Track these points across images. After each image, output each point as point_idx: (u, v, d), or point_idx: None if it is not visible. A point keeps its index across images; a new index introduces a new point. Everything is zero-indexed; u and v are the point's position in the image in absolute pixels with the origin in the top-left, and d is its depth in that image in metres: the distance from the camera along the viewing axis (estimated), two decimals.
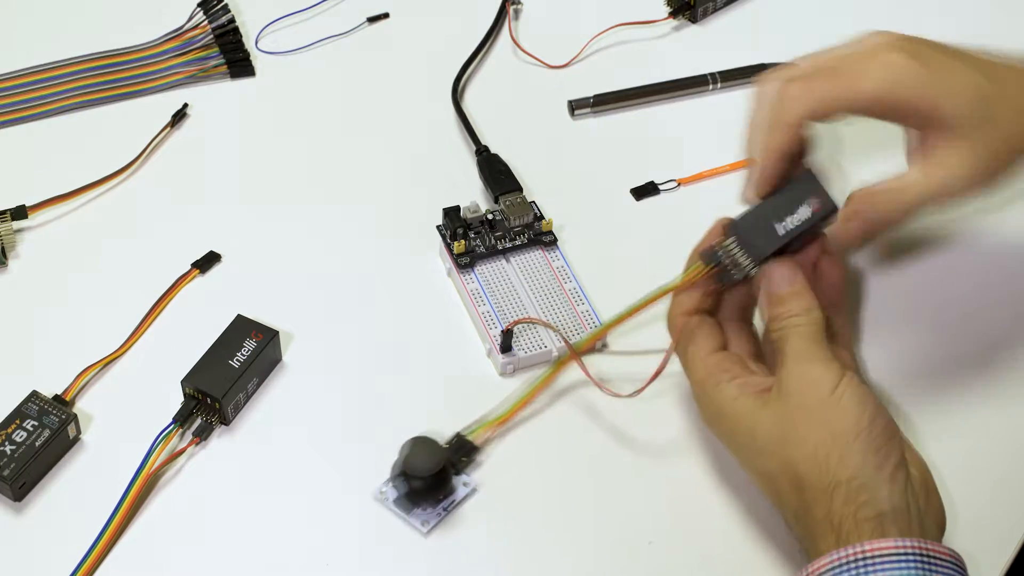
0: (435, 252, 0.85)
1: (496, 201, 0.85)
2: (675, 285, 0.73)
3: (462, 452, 0.74)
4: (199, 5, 0.97)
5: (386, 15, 1.01)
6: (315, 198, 0.89)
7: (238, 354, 0.76)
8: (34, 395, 0.75)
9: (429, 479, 0.71)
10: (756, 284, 0.72)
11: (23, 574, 0.70)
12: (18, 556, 0.71)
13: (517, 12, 1.02)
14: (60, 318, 0.81)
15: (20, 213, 0.85)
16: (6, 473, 0.71)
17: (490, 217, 0.84)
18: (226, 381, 0.75)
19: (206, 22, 0.96)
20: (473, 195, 0.87)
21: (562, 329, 0.79)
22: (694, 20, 1.01)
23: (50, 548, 0.71)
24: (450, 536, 0.72)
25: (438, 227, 0.84)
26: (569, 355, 0.76)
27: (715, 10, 1.02)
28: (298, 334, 0.81)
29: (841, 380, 0.67)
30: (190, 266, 0.84)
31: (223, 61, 0.96)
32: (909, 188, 0.73)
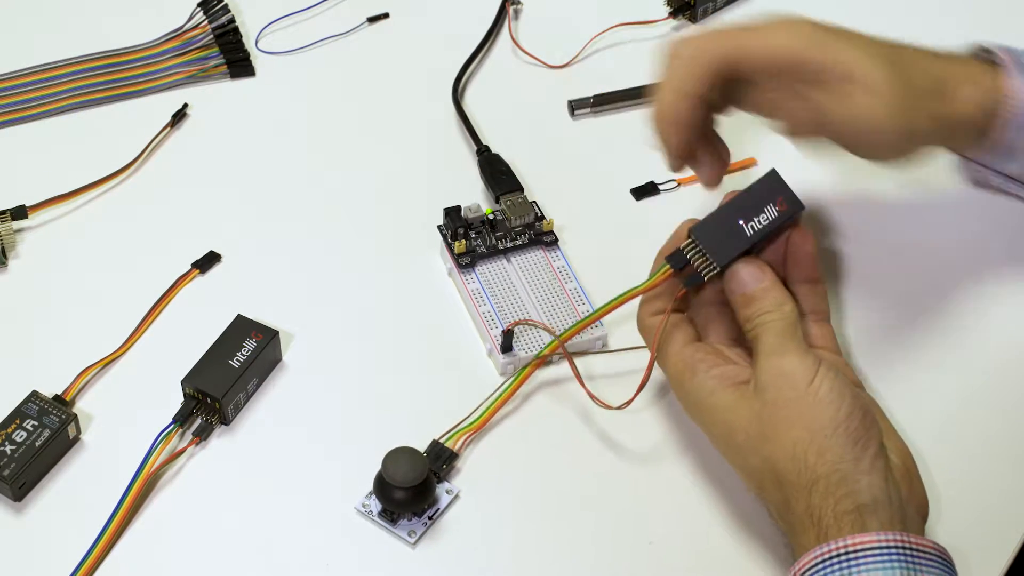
0: (436, 252, 0.85)
1: (497, 201, 0.85)
2: (641, 288, 0.73)
3: (441, 459, 0.74)
4: (199, 5, 0.97)
5: (386, 15, 1.01)
6: (315, 198, 0.89)
7: (238, 354, 0.76)
8: (34, 395, 0.75)
9: (413, 489, 0.71)
10: (728, 286, 0.72)
11: (23, 574, 0.70)
12: (18, 556, 0.71)
13: (517, 12, 1.02)
14: (60, 318, 0.81)
15: (20, 213, 0.85)
16: (6, 473, 0.71)
17: (491, 217, 0.84)
18: (226, 381, 0.75)
19: (206, 22, 0.96)
20: (474, 195, 0.87)
21: (562, 329, 0.79)
22: (694, 20, 1.01)
23: (50, 548, 0.71)
24: (438, 544, 0.72)
25: (439, 227, 0.84)
26: (531, 365, 0.77)
27: (715, 10, 1.02)
28: (298, 334, 0.81)
29: (817, 373, 0.67)
30: (190, 266, 0.84)
31: (223, 61, 0.96)
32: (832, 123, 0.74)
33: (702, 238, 0.72)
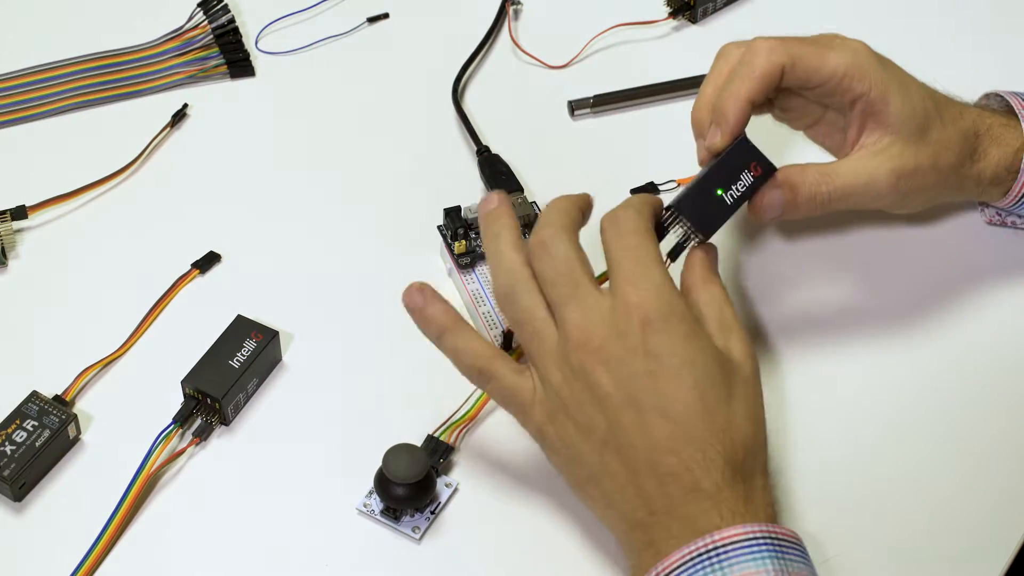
0: (436, 252, 0.85)
1: None
2: None
3: (439, 454, 0.74)
4: (199, 5, 0.97)
5: (386, 15, 1.01)
6: (315, 198, 0.89)
7: (238, 354, 0.76)
8: (34, 395, 0.75)
9: (415, 485, 0.71)
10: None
11: (23, 574, 0.70)
12: (18, 556, 0.71)
13: (517, 12, 1.02)
14: (60, 318, 0.81)
15: (20, 213, 0.85)
16: (6, 473, 0.71)
17: None
18: (226, 381, 0.75)
19: (206, 22, 0.96)
20: (474, 195, 0.87)
21: None
22: (694, 20, 1.01)
23: (50, 548, 0.71)
24: (442, 538, 0.72)
25: (439, 227, 0.84)
26: (517, 352, 0.77)
27: (715, 10, 1.02)
28: (298, 334, 0.81)
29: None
30: (190, 266, 0.84)
31: (223, 61, 0.96)
32: (838, 173, 0.76)
33: (684, 210, 0.72)
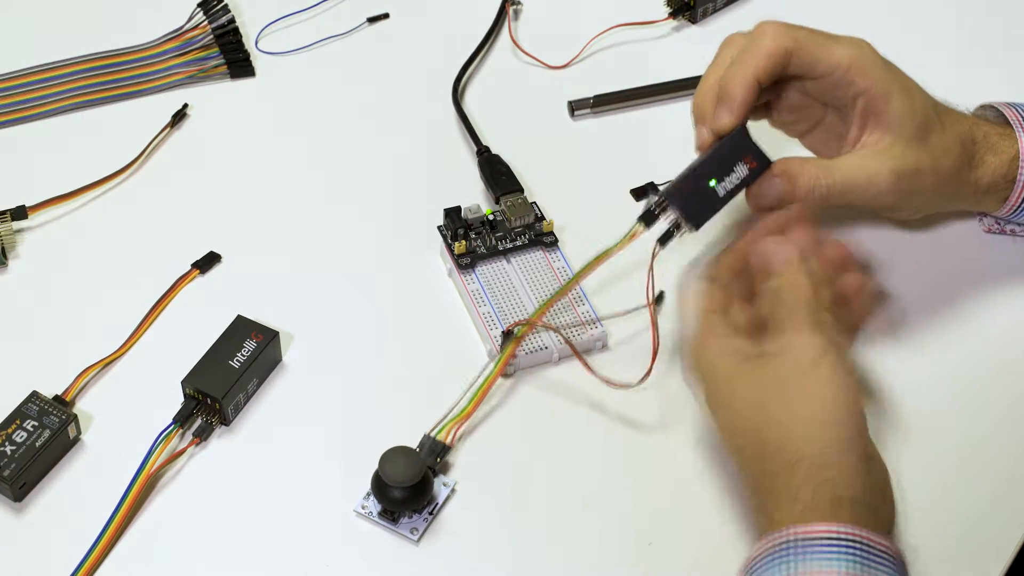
0: (436, 252, 0.85)
1: (497, 202, 0.85)
2: (613, 249, 0.74)
3: (435, 453, 0.74)
4: (199, 5, 0.97)
5: (386, 15, 1.01)
6: (315, 198, 0.89)
7: (238, 355, 0.76)
8: (34, 395, 0.75)
9: (412, 487, 0.71)
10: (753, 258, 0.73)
11: (23, 574, 0.70)
12: (18, 556, 0.71)
13: (517, 12, 1.02)
14: (60, 318, 0.81)
15: (20, 213, 0.85)
16: (6, 473, 0.71)
17: (491, 218, 0.84)
18: (226, 381, 0.75)
19: (206, 22, 0.96)
20: (474, 196, 0.87)
21: (563, 330, 0.79)
22: (694, 20, 1.01)
23: (50, 548, 0.71)
24: (440, 538, 0.72)
25: (439, 227, 0.84)
26: (508, 350, 0.77)
27: (715, 10, 1.02)
28: (298, 334, 0.81)
29: (824, 354, 0.67)
30: (190, 266, 0.84)
31: (223, 61, 0.96)
32: (839, 169, 0.76)
33: (675, 199, 0.73)
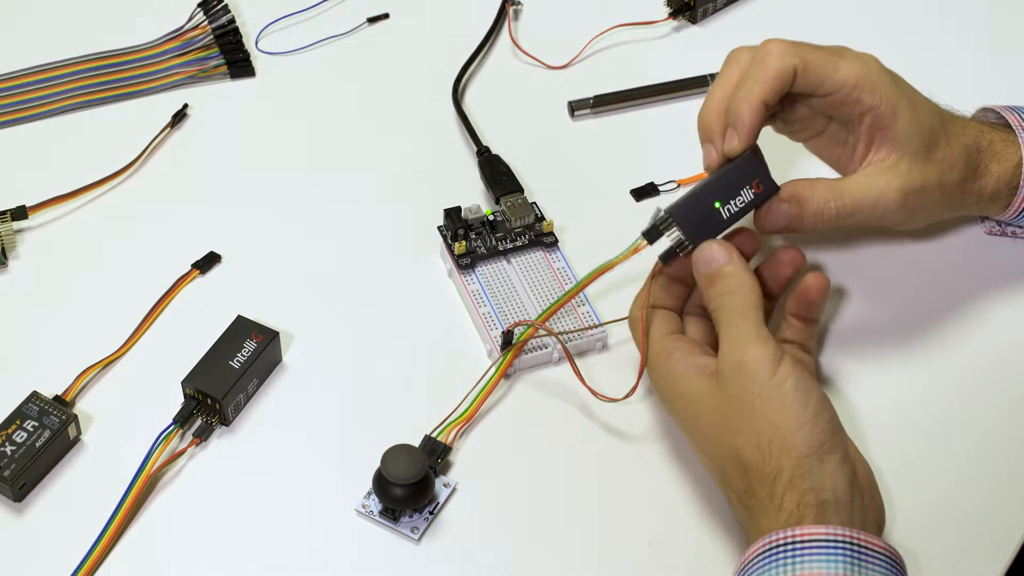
0: (436, 253, 0.85)
1: (497, 202, 0.85)
2: (615, 260, 0.74)
3: (436, 453, 0.74)
4: (199, 5, 0.97)
5: (386, 15, 1.01)
6: (315, 198, 0.89)
7: (238, 355, 0.76)
8: (34, 395, 0.75)
9: (414, 486, 0.71)
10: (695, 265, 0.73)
11: (23, 574, 0.70)
12: (18, 556, 0.71)
13: (517, 12, 1.02)
14: (60, 318, 0.81)
15: (20, 213, 0.85)
16: (6, 474, 0.71)
17: (491, 218, 0.84)
18: (226, 382, 0.75)
19: (206, 22, 0.96)
20: (474, 196, 0.87)
21: (562, 333, 0.79)
22: (694, 20, 1.01)
23: (50, 549, 0.71)
24: (441, 538, 0.72)
25: (439, 228, 0.84)
26: (512, 353, 0.77)
27: (715, 10, 1.02)
28: (298, 335, 0.81)
29: (780, 365, 0.67)
30: (190, 266, 0.84)
31: (223, 61, 0.96)
32: (847, 190, 0.75)
33: (679, 218, 0.73)
